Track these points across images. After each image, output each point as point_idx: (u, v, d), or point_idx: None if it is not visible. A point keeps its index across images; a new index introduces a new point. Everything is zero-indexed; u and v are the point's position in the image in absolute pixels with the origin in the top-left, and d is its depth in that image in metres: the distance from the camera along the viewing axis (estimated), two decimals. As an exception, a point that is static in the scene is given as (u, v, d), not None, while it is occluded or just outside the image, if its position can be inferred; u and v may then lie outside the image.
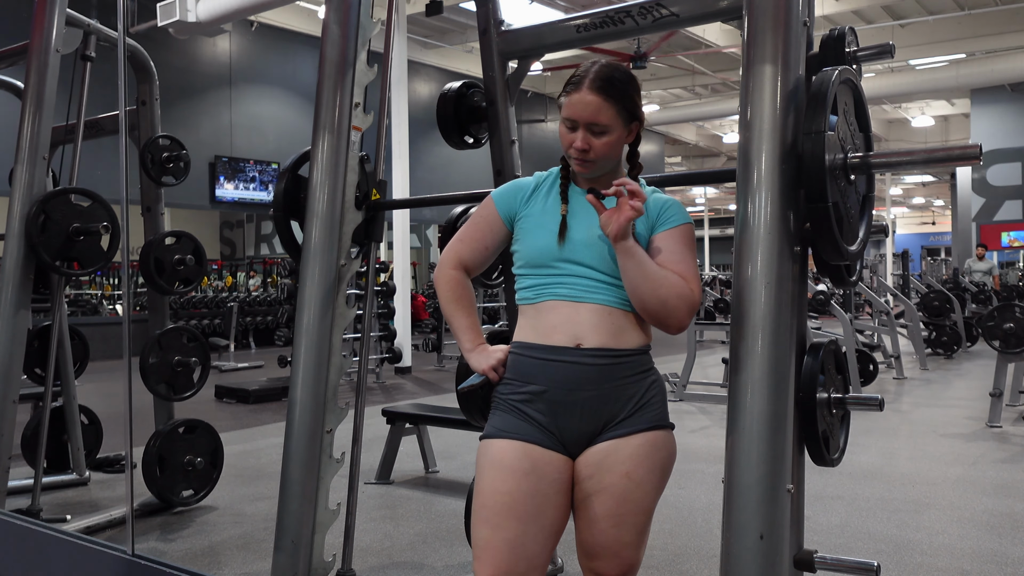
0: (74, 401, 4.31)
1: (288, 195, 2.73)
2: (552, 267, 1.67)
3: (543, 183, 1.78)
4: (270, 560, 2.55)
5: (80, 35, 3.59)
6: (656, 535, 3.51)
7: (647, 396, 1.67)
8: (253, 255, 20.25)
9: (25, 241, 3.28)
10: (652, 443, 1.66)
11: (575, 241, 1.67)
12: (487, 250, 1.78)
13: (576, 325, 1.64)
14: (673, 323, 1.63)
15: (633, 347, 1.67)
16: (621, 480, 1.63)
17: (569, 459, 1.66)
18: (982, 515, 3.76)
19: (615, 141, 1.67)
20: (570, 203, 1.72)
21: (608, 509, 1.64)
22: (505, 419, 1.67)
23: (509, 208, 1.77)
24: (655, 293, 1.60)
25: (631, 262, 1.59)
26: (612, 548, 1.65)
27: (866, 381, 7.38)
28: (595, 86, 1.64)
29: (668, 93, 20.68)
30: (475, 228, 1.79)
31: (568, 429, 1.65)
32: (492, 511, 1.61)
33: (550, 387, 1.64)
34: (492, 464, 1.64)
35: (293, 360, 2.56)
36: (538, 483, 1.61)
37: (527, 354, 1.68)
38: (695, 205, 35.71)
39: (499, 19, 2.84)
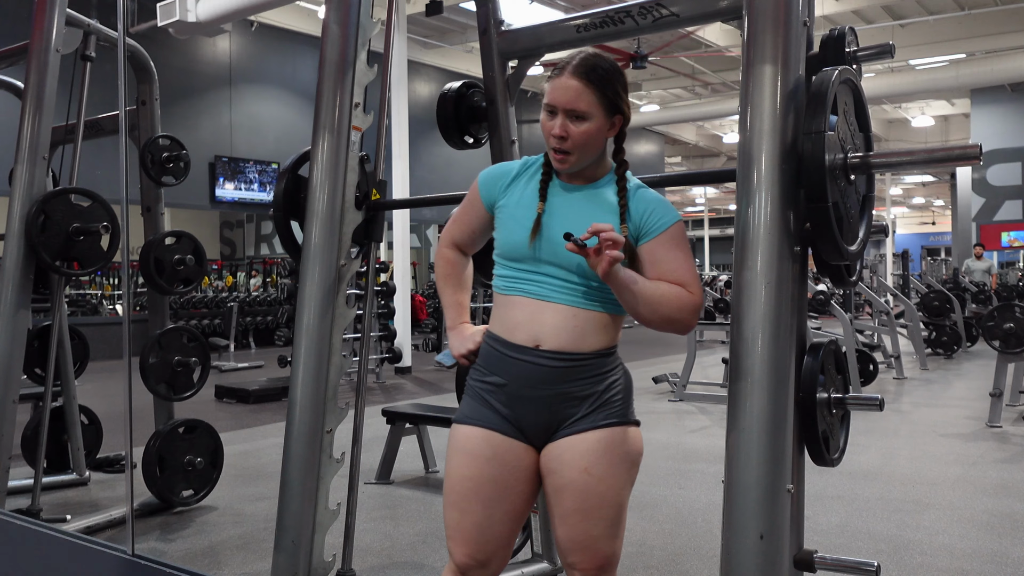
0: (74, 401, 4.31)
1: (288, 195, 2.73)
2: (525, 262, 1.69)
3: (526, 170, 1.77)
4: (270, 560, 2.55)
5: (80, 35, 3.59)
6: (656, 535, 3.51)
7: (607, 395, 1.68)
8: (253, 255, 20.25)
9: (25, 241, 3.28)
10: (610, 439, 1.67)
11: (551, 240, 1.66)
12: (474, 232, 1.85)
13: (538, 325, 1.66)
14: (680, 331, 1.67)
15: (594, 350, 1.68)
16: (581, 476, 1.65)
17: (531, 447, 1.71)
18: (982, 515, 3.76)
19: (595, 131, 1.64)
20: (549, 200, 1.71)
21: (574, 504, 1.67)
22: (472, 406, 1.73)
23: (490, 194, 1.78)
24: (656, 313, 1.62)
25: (626, 293, 1.60)
26: (584, 542, 1.68)
27: (866, 381, 7.38)
28: (578, 71, 1.63)
29: (668, 93, 20.68)
30: (463, 210, 1.85)
31: (526, 421, 1.69)
32: (459, 495, 1.70)
33: (509, 381, 1.69)
34: (458, 449, 1.72)
35: (293, 360, 2.56)
36: (500, 469, 1.68)
37: (493, 346, 1.72)
38: (695, 205, 35.72)
39: (499, 19, 2.83)
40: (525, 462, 1.70)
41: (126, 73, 3.85)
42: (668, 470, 4.67)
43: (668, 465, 4.79)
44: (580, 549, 1.68)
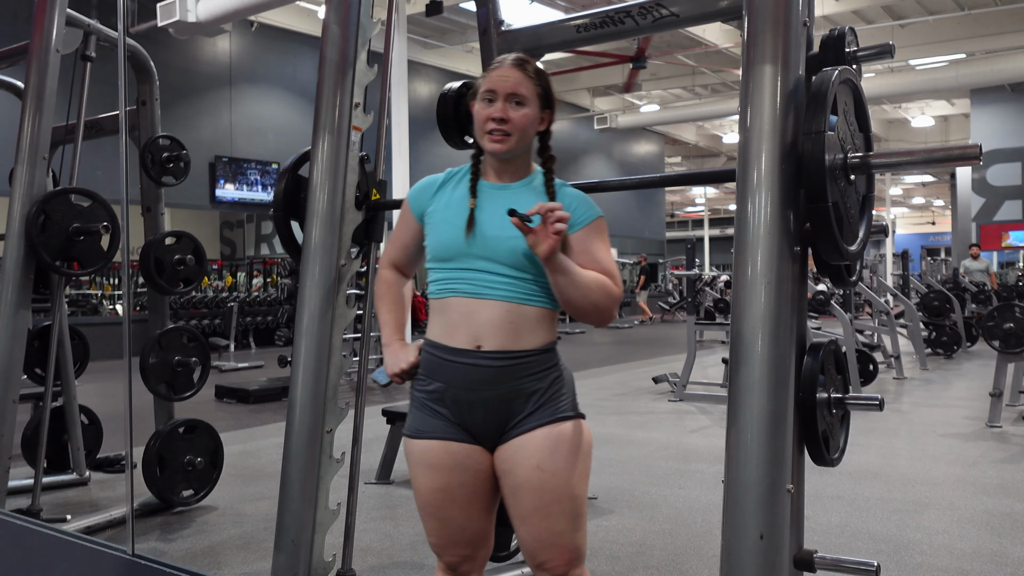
0: (74, 401, 4.31)
1: (288, 195, 2.73)
2: (457, 261, 1.72)
3: (452, 177, 1.83)
4: (270, 560, 2.55)
5: (80, 35, 3.59)
6: (656, 535, 3.51)
7: (550, 392, 1.71)
8: (253, 255, 20.25)
9: (25, 241, 3.28)
10: (559, 434, 1.69)
11: (484, 236, 1.70)
12: (408, 248, 1.87)
13: (476, 326, 1.68)
14: (604, 320, 1.71)
15: (534, 347, 1.70)
16: (535, 473, 1.68)
17: (484, 449, 1.74)
18: (982, 515, 3.76)
19: (532, 117, 1.72)
20: (479, 197, 1.74)
21: (532, 503, 1.69)
22: (420, 418, 1.75)
23: (419, 205, 1.82)
24: (587, 299, 1.66)
25: (563, 278, 1.63)
26: (548, 539, 1.70)
27: (866, 381, 7.38)
28: (516, 63, 1.73)
29: (668, 93, 20.69)
30: (397, 230, 1.88)
31: (473, 424, 1.72)
32: (434, 506, 1.76)
33: (451, 386, 1.70)
34: (420, 464, 1.75)
35: (293, 360, 2.56)
36: (463, 474, 1.73)
37: (433, 352, 1.74)
38: (695, 205, 35.72)
39: (499, 19, 2.84)
40: (483, 464, 1.74)
41: (126, 73, 3.85)
42: (668, 470, 4.67)
43: (668, 465, 4.79)
44: (546, 547, 1.70)
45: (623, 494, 4.15)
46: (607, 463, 4.82)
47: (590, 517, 3.77)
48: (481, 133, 1.72)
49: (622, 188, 2.59)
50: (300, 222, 2.67)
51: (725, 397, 2.33)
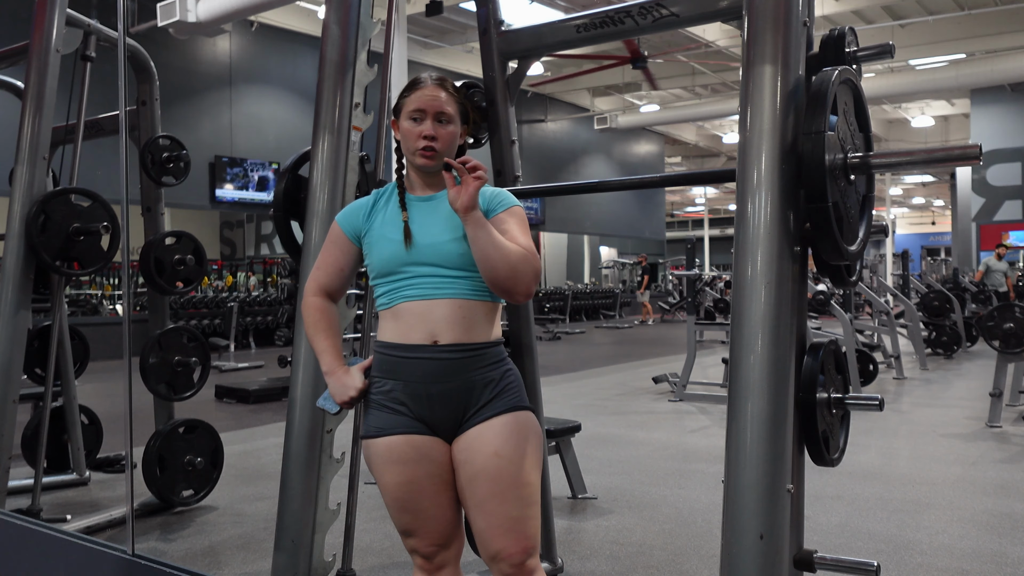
0: (74, 401, 4.31)
1: (288, 195, 2.73)
2: (400, 272, 1.79)
3: (381, 197, 1.89)
4: (270, 560, 2.55)
5: (80, 35, 3.59)
6: (656, 535, 3.51)
7: (503, 383, 1.79)
8: (253, 255, 20.26)
9: (25, 241, 3.28)
10: (515, 422, 1.77)
11: (420, 245, 1.78)
12: (343, 271, 1.90)
13: (431, 322, 1.75)
14: (521, 289, 1.73)
15: (486, 341, 1.79)
16: (492, 460, 1.73)
17: (444, 441, 1.79)
18: (982, 515, 3.76)
19: (456, 133, 1.83)
20: (410, 211, 1.83)
21: (489, 489, 1.74)
22: (379, 417, 1.79)
23: (353, 227, 1.88)
24: (506, 260, 1.70)
25: (482, 231, 1.69)
26: (504, 525, 1.74)
27: (866, 381, 7.38)
28: (439, 83, 1.83)
29: (668, 93, 20.69)
30: (327, 253, 1.91)
31: (432, 418, 1.77)
32: (404, 500, 1.78)
33: (410, 381, 1.76)
34: (385, 461, 1.78)
35: (293, 360, 2.56)
36: (429, 466, 1.77)
37: (388, 352, 1.79)
38: (695, 205, 35.72)
39: (499, 19, 2.84)
40: (446, 456, 1.79)
41: (126, 73, 3.85)
42: (668, 470, 4.67)
43: (668, 465, 4.79)
44: (503, 534, 1.73)
45: (623, 494, 4.15)
46: (607, 463, 4.82)
47: (590, 517, 3.77)
48: (412, 150, 1.81)
49: (622, 188, 2.58)
50: (300, 222, 2.68)
51: (725, 397, 2.33)
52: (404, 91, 1.84)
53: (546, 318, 15.99)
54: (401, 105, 1.83)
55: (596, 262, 27.58)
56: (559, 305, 18.73)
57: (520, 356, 2.84)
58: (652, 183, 3.30)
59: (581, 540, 3.46)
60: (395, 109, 1.85)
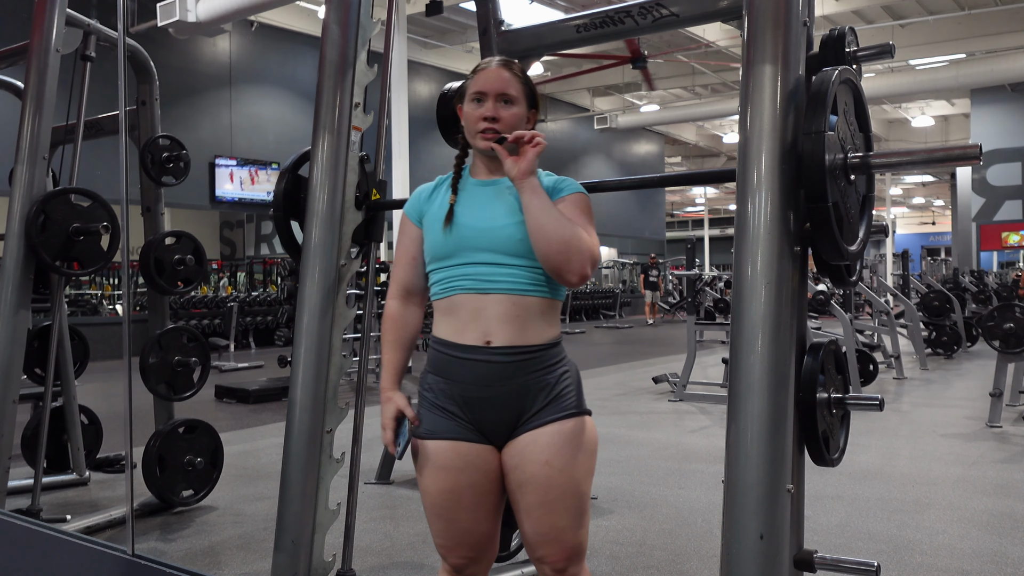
0: (74, 401, 4.31)
1: (288, 195, 2.73)
2: (454, 257, 1.73)
3: (443, 183, 1.85)
4: (270, 560, 2.55)
5: (80, 35, 3.59)
6: (656, 535, 3.51)
7: (559, 387, 1.73)
8: (253, 255, 20.25)
9: (25, 241, 3.28)
10: (569, 430, 1.71)
11: (476, 229, 1.72)
12: (416, 260, 1.84)
13: (484, 321, 1.70)
14: (575, 268, 1.64)
15: (542, 342, 1.72)
16: (543, 469, 1.69)
17: (494, 448, 1.74)
18: (982, 515, 3.76)
19: (520, 116, 1.76)
20: (469, 194, 1.78)
21: (537, 498, 1.70)
22: (431, 418, 1.75)
23: (418, 212, 1.84)
24: (559, 232, 1.63)
25: (537, 199, 1.64)
26: (551, 534, 1.71)
27: (866, 381, 7.38)
28: (504, 64, 1.78)
29: (668, 93, 20.69)
30: (401, 246, 1.87)
31: (485, 421, 1.72)
32: (442, 507, 1.75)
33: (464, 383, 1.71)
34: (429, 465, 1.74)
35: (293, 360, 2.56)
36: (473, 475, 1.72)
37: (442, 350, 1.75)
38: (695, 205, 35.71)
39: (499, 19, 2.84)
40: (493, 464, 1.74)
41: (126, 73, 3.85)
42: (668, 470, 4.67)
43: (668, 465, 4.79)
44: (547, 542, 1.72)
45: (623, 494, 4.15)
46: (607, 463, 4.81)
47: (590, 517, 3.77)
48: (473, 133, 1.75)
49: (622, 188, 2.59)
50: (300, 222, 2.67)
51: (725, 397, 2.33)
52: (470, 75, 1.80)
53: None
54: (464, 89, 1.79)
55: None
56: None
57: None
58: (652, 183, 3.30)
59: (581, 540, 3.46)
60: (459, 93, 1.81)
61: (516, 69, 1.78)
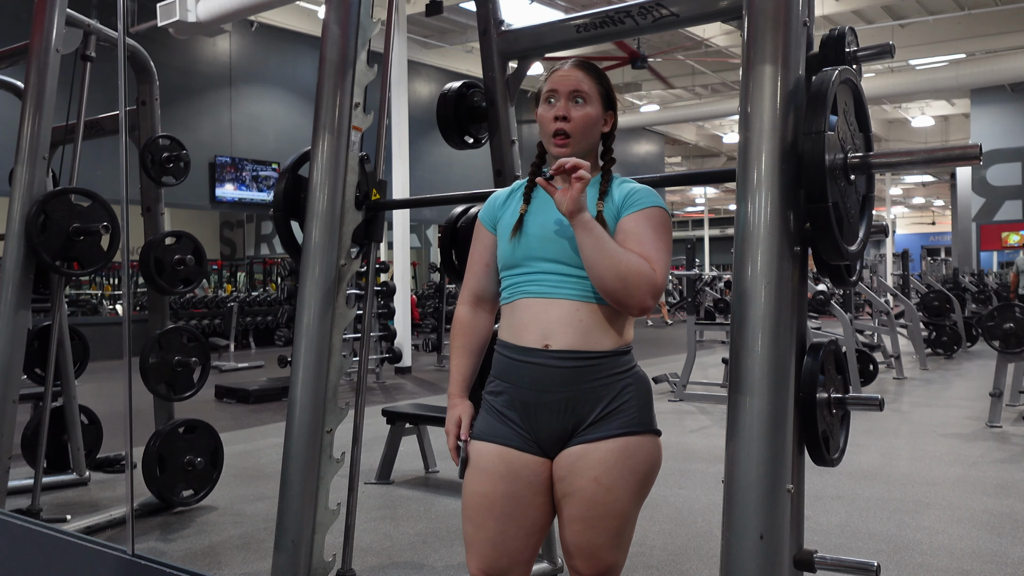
0: (74, 401, 4.31)
1: (288, 195, 2.73)
2: (522, 266, 1.69)
3: (518, 188, 1.82)
4: (270, 560, 2.55)
5: (80, 35, 3.59)
6: (656, 535, 3.51)
7: (620, 399, 1.66)
8: (253, 255, 20.25)
9: (25, 241, 3.28)
10: (624, 448, 1.64)
11: (544, 239, 1.68)
12: (489, 267, 1.80)
13: (544, 324, 1.65)
14: (634, 303, 1.59)
15: (604, 349, 1.65)
16: (590, 485, 1.63)
17: (546, 459, 1.69)
18: (982, 515, 3.76)
19: (594, 116, 1.71)
20: (535, 201, 1.74)
21: (579, 512, 1.65)
22: (487, 421, 1.72)
23: (492, 218, 1.81)
24: (614, 269, 1.56)
25: (588, 237, 1.57)
26: (586, 549, 1.68)
27: (866, 381, 7.38)
28: (578, 64, 1.73)
29: (668, 93, 20.68)
30: (475, 252, 1.82)
31: (540, 429, 1.66)
32: (473, 510, 1.70)
33: (520, 386, 1.66)
34: (473, 465, 1.71)
35: (293, 360, 2.56)
36: (513, 485, 1.66)
37: (503, 353, 1.71)
38: (695, 205, 35.70)
39: (499, 19, 2.83)
40: (542, 476, 1.68)
41: (126, 73, 3.85)
42: (668, 470, 4.67)
43: (668, 465, 4.79)
44: (582, 555, 1.68)
45: (623, 494, 4.14)
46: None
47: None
48: (546, 136, 1.71)
49: (622, 188, 2.57)
50: (300, 222, 2.68)
51: (725, 397, 2.33)
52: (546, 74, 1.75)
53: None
54: (538, 93, 1.74)
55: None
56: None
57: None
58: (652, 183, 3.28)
59: (581, 540, 3.46)
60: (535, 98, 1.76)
61: (592, 69, 1.73)
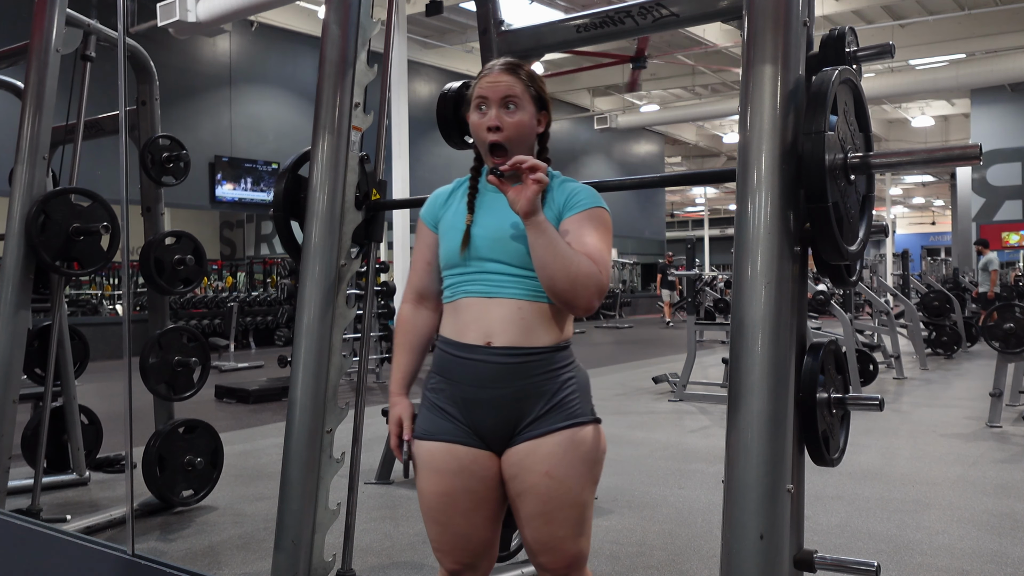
0: (74, 401, 4.31)
1: (288, 195, 2.73)
2: (464, 265, 1.71)
3: (460, 187, 1.82)
4: (270, 560, 2.55)
5: (80, 35, 3.59)
6: (656, 535, 3.51)
7: (562, 393, 1.68)
8: (253, 255, 20.25)
9: (25, 241, 3.28)
10: (570, 440, 1.67)
11: (487, 239, 1.69)
12: (431, 264, 1.81)
13: (487, 322, 1.67)
14: (581, 303, 1.61)
15: (545, 345, 1.67)
16: (543, 479, 1.65)
17: (493, 454, 1.70)
18: (982, 515, 3.76)
19: (527, 121, 1.71)
20: (483, 202, 1.74)
21: (536, 508, 1.67)
22: (429, 419, 1.73)
23: (433, 216, 1.82)
24: (565, 271, 1.58)
25: (541, 238, 1.58)
26: (549, 543, 1.70)
27: (866, 381, 7.38)
28: (505, 68, 1.72)
29: (668, 93, 20.69)
30: (417, 251, 1.85)
31: (482, 424, 1.68)
32: (437, 511, 1.72)
33: (463, 383, 1.68)
34: (425, 467, 1.72)
35: (293, 360, 2.56)
36: (468, 480, 1.69)
37: (445, 349, 1.72)
38: (695, 205, 35.71)
39: (499, 19, 2.84)
40: (491, 470, 1.70)
41: (126, 73, 3.85)
42: (668, 470, 4.67)
43: (668, 465, 4.79)
44: (547, 550, 1.70)
45: (623, 494, 4.15)
46: (607, 463, 4.80)
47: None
48: (481, 144, 1.72)
49: (622, 188, 2.58)
50: (300, 222, 2.67)
51: (725, 397, 2.33)
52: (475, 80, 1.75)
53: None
54: (469, 95, 1.74)
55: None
56: (559, 305, 18.65)
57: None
58: (652, 183, 3.30)
59: (581, 540, 3.46)
60: (466, 100, 1.76)
61: (520, 72, 1.71)
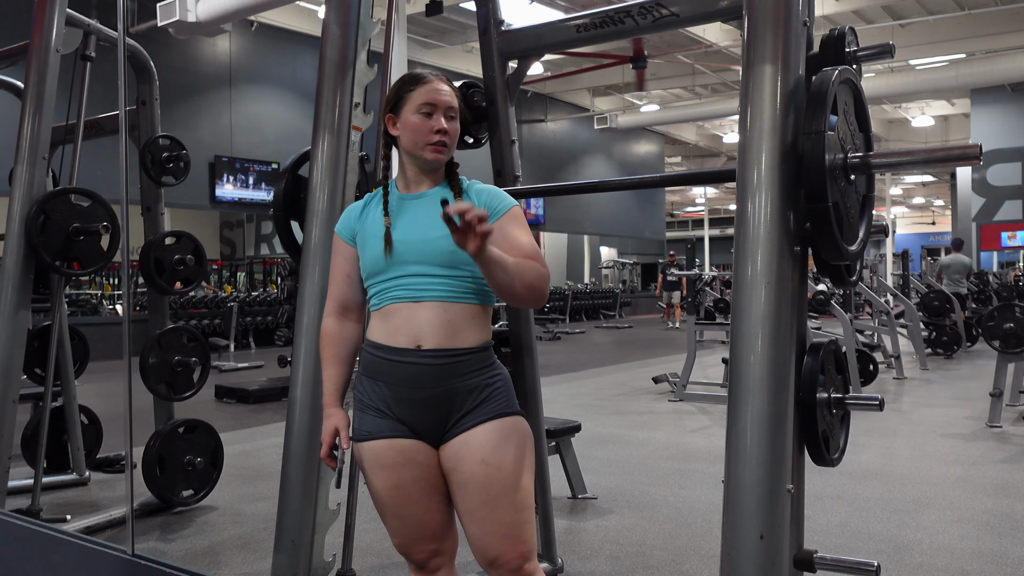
0: (74, 401, 4.31)
1: (288, 195, 2.73)
2: (390, 271, 1.77)
3: (372, 199, 1.88)
4: (270, 560, 2.55)
5: (80, 35, 3.59)
6: (656, 535, 3.51)
7: (489, 389, 1.76)
8: (253, 255, 20.26)
9: (25, 241, 3.28)
10: (500, 428, 1.74)
11: (408, 243, 1.76)
12: (351, 278, 1.88)
13: (415, 326, 1.73)
14: (537, 301, 1.73)
15: (471, 346, 1.75)
16: (480, 468, 1.72)
17: (430, 446, 1.77)
18: (982, 515, 3.76)
19: (459, 129, 1.84)
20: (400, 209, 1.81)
21: (479, 497, 1.73)
22: (366, 420, 1.78)
23: (349, 230, 1.87)
24: (522, 282, 1.67)
25: (497, 266, 1.62)
26: (498, 532, 1.73)
27: (866, 381, 7.38)
28: (445, 81, 1.83)
29: (668, 93, 20.69)
30: (334, 265, 1.90)
31: (416, 422, 1.75)
32: (394, 504, 1.78)
33: (394, 385, 1.75)
34: (371, 466, 1.78)
35: (293, 360, 2.56)
36: (415, 469, 1.76)
37: (376, 353, 1.78)
38: (695, 205, 35.71)
39: (499, 19, 2.84)
40: (432, 459, 1.77)
41: (126, 73, 3.85)
42: (668, 470, 4.67)
43: (668, 465, 4.79)
44: (498, 541, 1.73)
45: (623, 494, 4.15)
46: (607, 463, 4.82)
47: (590, 517, 3.77)
48: (421, 144, 1.78)
49: (622, 188, 2.58)
50: (300, 222, 2.68)
51: (725, 397, 2.33)
52: (405, 85, 1.80)
53: (546, 318, 15.98)
54: (403, 99, 1.79)
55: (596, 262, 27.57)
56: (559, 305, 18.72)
57: (520, 356, 2.84)
58: (652, 183, 3.30)
59: (581, 540, 3.46)
60: (392, 103, 1.80)
61: (452, 87, 1.83)
